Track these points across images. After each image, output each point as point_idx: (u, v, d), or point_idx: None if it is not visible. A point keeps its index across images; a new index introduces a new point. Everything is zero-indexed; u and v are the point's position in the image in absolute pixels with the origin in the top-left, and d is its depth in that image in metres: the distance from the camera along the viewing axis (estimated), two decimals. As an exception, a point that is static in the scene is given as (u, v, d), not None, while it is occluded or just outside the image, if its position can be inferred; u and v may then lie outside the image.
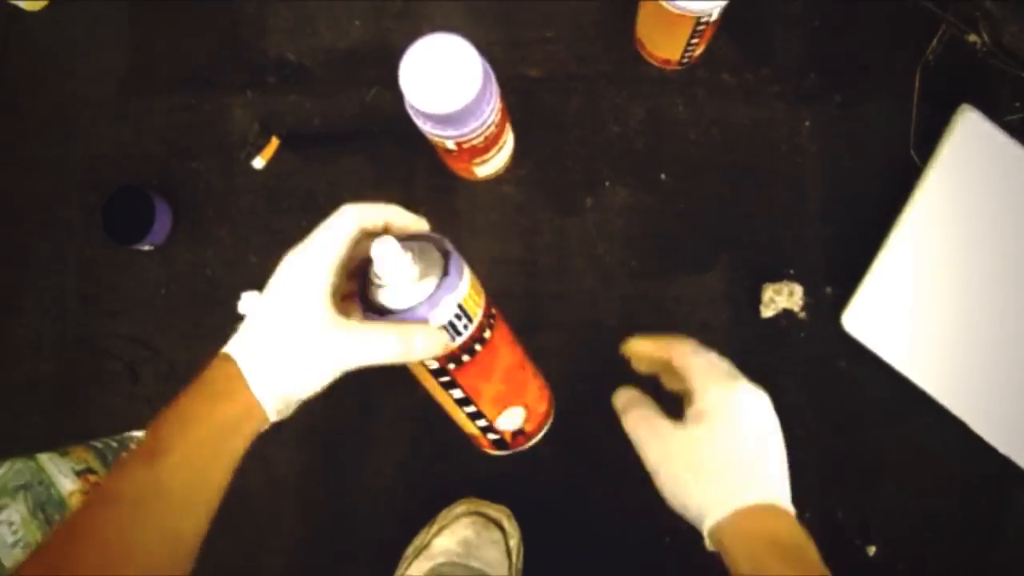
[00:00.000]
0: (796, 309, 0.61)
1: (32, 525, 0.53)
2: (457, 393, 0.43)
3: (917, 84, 0.62)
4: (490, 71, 0.50)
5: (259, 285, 0.63)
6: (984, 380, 0.59)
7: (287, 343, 0.39)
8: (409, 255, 0.39)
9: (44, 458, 0.53)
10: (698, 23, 0.54)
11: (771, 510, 0.39)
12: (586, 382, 0.60)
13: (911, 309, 0.59)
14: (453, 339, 0.40)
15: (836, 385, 0.60)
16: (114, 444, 0.59)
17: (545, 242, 0.62)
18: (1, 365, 0.66)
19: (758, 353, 0.60)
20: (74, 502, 0.53)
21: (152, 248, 0.64)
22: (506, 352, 0.45)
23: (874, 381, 0.60)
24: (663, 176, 0.61)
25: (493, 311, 0.44)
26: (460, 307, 0.40)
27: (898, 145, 0.61)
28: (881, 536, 0.60)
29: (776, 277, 0.61)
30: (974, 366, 0.59)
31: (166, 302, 0.65)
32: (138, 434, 0.62)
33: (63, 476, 0.53)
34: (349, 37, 0.64)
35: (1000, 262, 0.59)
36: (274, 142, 0.63)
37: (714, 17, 0.54)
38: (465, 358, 0.42)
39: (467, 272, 0.42)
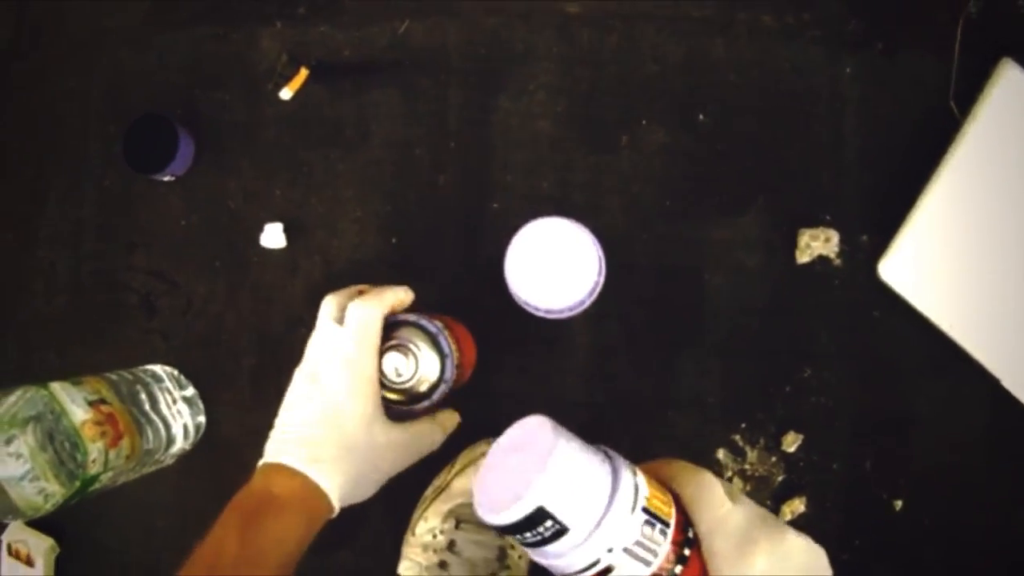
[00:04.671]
0: (832, 256, 0.59)
1: (40, 457, 0.51)
2: None
3: (958, 36, 0.60)
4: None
5: (283, 217, 0.63)
6: (1019, 337, 0.57)
7: (358, 465, 0.47)
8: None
9: (57, 387, 0.52)
10: None
11: None
12: (615, 320, 0.60)
13: (949, 261, 0.58)
14: None
15: (869, 335, 0.59)
16: (129, 376, 0.58)
17: (579, 180, 0.60)
18: (14, 298, 0.65)
19: (791, 299, 0.59)
20: (86, 432, 0.51)
21: (173, 179, 0.63)
22: None
23: (908, 332, 0.58)
24: (701, 117, 0.60)
25: None
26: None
27: (937, 96, 0.60)
28: (908, 491, 0.58)
29: (813, 223, 0.59)
30: (1009, 322, 0.57)
31: (186, 234, 0.63)
32: (152, 368, 0.60)
33: (76, 406, 0.51)
34: (383, -32, 0.62)
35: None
36: (302, 73, 0.62)
37: None
38: None
39: None
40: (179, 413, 0.59)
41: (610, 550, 0.28)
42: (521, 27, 0.61)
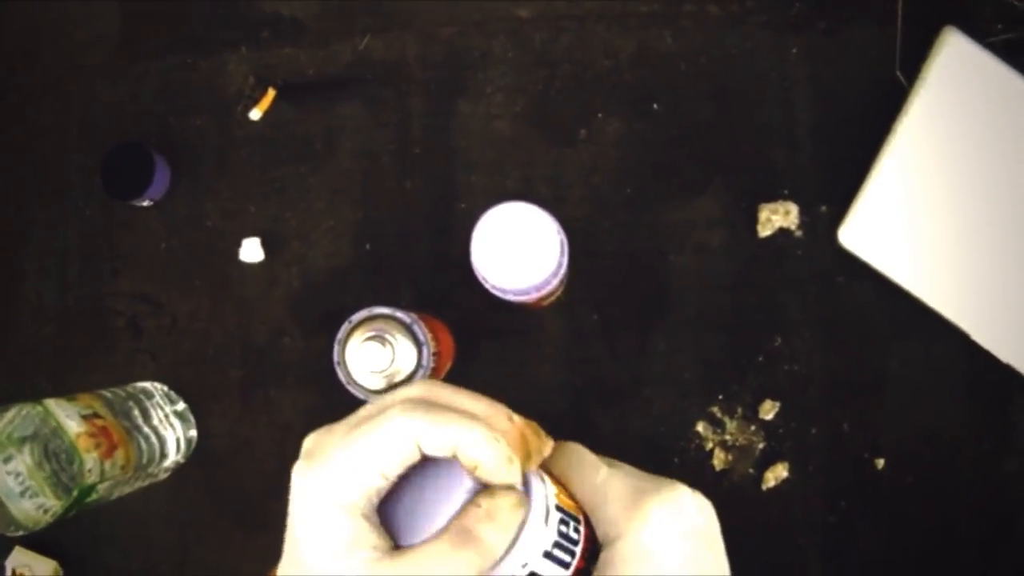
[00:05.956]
0: (792, 227, 0.61)
1: (39, 475, 0.53)
2: None
3: (900, 7, 0.63)
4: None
5: (259, 232, 0.65)
6: (982, 289, 0.59)
7: None
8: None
9: (51, 403, 0.53)
10: None
11: None
12: (586, 306, 0.61)
13: (906, 223, 0.60)
14: None
15: (835, 301, 0.61)
16: (122, 394, 0.59)
17: (541, 174, 0.62)
18: (3, 330, 0.66)
19: (756, 272, 0.61)
20: (81, 444, 0.53)
21: (151, 204, 0.65)
22: None
23: (873, 295, 0.60)
24: (655, 106, 0.62)
25: None
26: None
27: (884, 67, 0.62)
28: (889, 449, 0.60)
29: (771, 198, 0.61)
30: (971, 276, 0.59)
31: (167, 256, 0.65)
32: (143, 385, 0.62)
33: (70, 420, 0.53)
34: (340, -12, 0.65)
35: (987, 175, 0.60)
36: (270, 93, 0.64)
37: None
38: None
39: None
40: (172, 427, 0.60)
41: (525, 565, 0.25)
42: (476, 34, 0.63)
